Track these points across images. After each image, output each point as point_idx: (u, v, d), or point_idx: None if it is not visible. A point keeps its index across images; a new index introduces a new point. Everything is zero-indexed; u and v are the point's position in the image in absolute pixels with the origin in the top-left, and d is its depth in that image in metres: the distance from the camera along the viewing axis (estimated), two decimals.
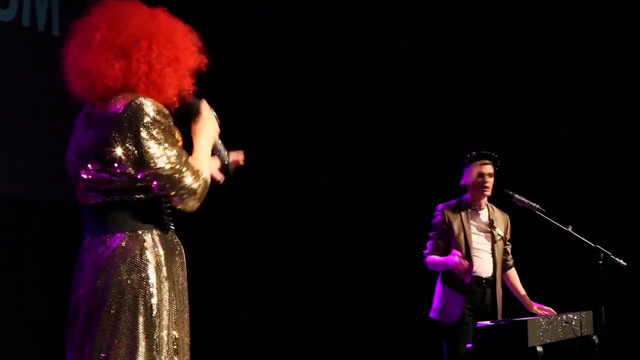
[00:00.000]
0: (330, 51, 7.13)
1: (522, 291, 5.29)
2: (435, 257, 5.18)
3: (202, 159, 2.88)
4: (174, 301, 2.82)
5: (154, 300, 2.76)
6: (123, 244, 2.79)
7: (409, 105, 6.98)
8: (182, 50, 2.88)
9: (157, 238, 2.83)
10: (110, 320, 2.74)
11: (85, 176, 2.85)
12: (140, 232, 2.81)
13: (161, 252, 2.83)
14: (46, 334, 5.85)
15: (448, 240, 5.16)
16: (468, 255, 5.11)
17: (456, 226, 5.15)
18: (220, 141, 3.03)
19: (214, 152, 3.00)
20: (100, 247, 2.82)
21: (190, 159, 2.82)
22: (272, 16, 7.15)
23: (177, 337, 2.82)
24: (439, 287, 5.20)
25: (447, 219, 5.16)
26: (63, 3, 6.22)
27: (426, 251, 5.24)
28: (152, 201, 2.82)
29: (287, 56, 7.18)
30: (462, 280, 5.08)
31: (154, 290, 2.76)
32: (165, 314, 2.79)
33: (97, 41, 2.85)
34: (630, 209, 6.34)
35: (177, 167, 2.75)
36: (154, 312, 2.75)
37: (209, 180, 2.85)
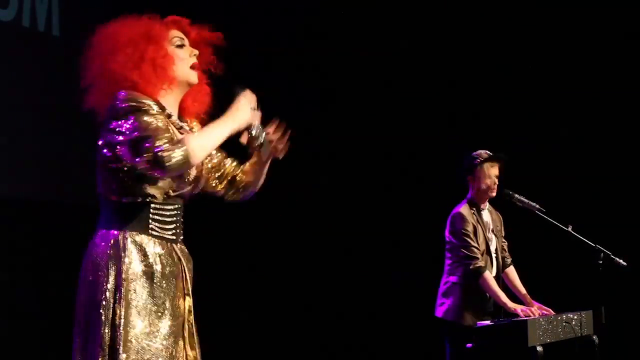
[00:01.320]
0: (330, 50, 7.13)
1: (523, 290, 5.28)
2: (496, 288, 5.00)
3: (199, 134, 2.91)
4: (144, 303, 2.87)
5: (108, 298, 2.83)
6: (96, 240, 2.93)
7: (406, 106, 6.98)
8: (118, 50, 2.98)
9: (130, 240, 2.89)
10: (82, 312, 2.90)
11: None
12: (112, 232, 2.90)
13: (133, 254, 2.88)
14: (47, 333, 5.86)
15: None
16: (489, 257, 5.12)
17: (477, 228, 5.12)
18: (257, 124, 3.03)
19: (247, 134, 3.02)
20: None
21: (171, 135, 2.86)
22: (270, 15, 7.15)
23: (131, 337, 2.84)
24: (454, 289, 5.11)
25: (470, 222, 5.12)
26: (63, 3, 6.22)
27: (475, 263, 5.01)
28: (134, 205, 2.90)
29: (288, 56, 7.17)
30: (484, 290, 5.07)
31: (107, 287, 2.84)
32: (119, 313, 2.83)
33: (90, 68, 3.08)
34: (631, 209, 6.33)
35: (141, 133, 2.79)
36: (106, 309, 2.83)
37: (188, 149, 2.80)
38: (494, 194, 5.18)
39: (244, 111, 2.97)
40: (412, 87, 6.96)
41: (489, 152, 5.19)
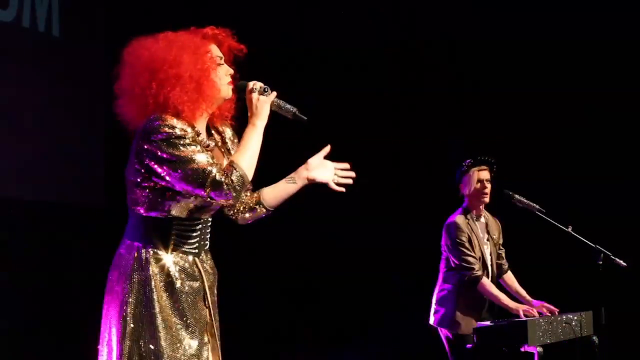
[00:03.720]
0: (328, 48, 7.12)
1: (524, 292, 5.29)
2: (496, 292, 5.04)
3: (241, 152, 2.94)
4: (166, 315, 2.90)
5: (129, 310, 2.89)
6: (121, 251, 2.98)
7: (406, 105, 6.98)
8: (181, 65, 2.92)
9: (152, 254, 2.93)
10: (106, 321, 2.97)
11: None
12: (136, 245, 2.95)
13: (154, 268, 2.92)
14: (47, 333, 5.86)
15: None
16: (484, 264, 5.13)
17: (472, 236, 5.13)
18: (280, 100, 3.09)
19: (280, 112, 3.09)
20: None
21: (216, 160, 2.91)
22: (271, 15, 7.15)
23: (153, 349, 2.87)
24: (449, 297, 5.12)
25: (465, 231, 5.12)
26: (63, 3, 6.22)
27: (472, 273, 5.03)
28: (158, 219, 2.94)
29: (289, 56, 7.17)
30: (480, 297, 5.08)
31: (130, 299, 2.90)
32: (141, 326, 2.88)
33: (121, 91, 3.01)
34: (630, 209, 6.34)
35: (192, 165, 2.81)
36: (128, 320, 2.88)
37: (243, 170, 2.88)
38: (486, 199, 5.18)
39: (263, 107, 3.01)
40: (411, 88, 6.96)
41: (479, 158, 5.21)
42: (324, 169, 3.26)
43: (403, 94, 7.00)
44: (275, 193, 3.26)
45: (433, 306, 5.19)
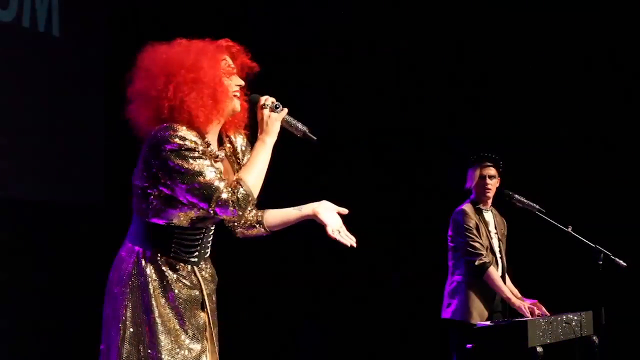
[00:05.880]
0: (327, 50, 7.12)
1: (516, 291, 5.30)
2: (501, 283, 5.06)
3: (248, 168, 2.96)
4: (158, 322, 2.91)
5: (128, 315, 2.90)
6: (122, 254, 2.99)
7: (409, 105, 6.98)
8: (199, 70, 2.92)
9: (151, 260, 2.94)
10: (105, 323, 2.99)
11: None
12: (137, 249, 2.95)
13: (152, 274, 2.93)
14: (47, 333, 5.87)
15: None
16: (494, 257, 5.14)
17: (479, 225, 5.15)
18: (291, 118, 3.09)
19: (289, 130, 3.09)
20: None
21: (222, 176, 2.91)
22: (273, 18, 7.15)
23: (153, 354, 2.89)
24: (459, 288, 5.12)
25: (473, 219, 5.14)
26: (63, 3, 6.22)
27: (480, 259, 5.05)
28: (160, 226, 2.94)
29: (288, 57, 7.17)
30: (491, 288, 5.09)
31: (128, 303, 2.91)
32: (140, 330, 2.89)
33: (135, 94, 2.98)
34: (630, 209, 6.34)
35: (200, 179, 2.82)
36: (127, 324, 2.90)
37: (249, 187, 2.90)
38: (489, 194, 5.24)
39: (273, 124, 3.02)
40: (414, 88, 6.96)
41: (483, 154, 5.25)
42: (332, 216, 3.24)
43: (402, 95, 7.00)
44: (278, 216, 3.24)
45: (445, 299, 5.20)
